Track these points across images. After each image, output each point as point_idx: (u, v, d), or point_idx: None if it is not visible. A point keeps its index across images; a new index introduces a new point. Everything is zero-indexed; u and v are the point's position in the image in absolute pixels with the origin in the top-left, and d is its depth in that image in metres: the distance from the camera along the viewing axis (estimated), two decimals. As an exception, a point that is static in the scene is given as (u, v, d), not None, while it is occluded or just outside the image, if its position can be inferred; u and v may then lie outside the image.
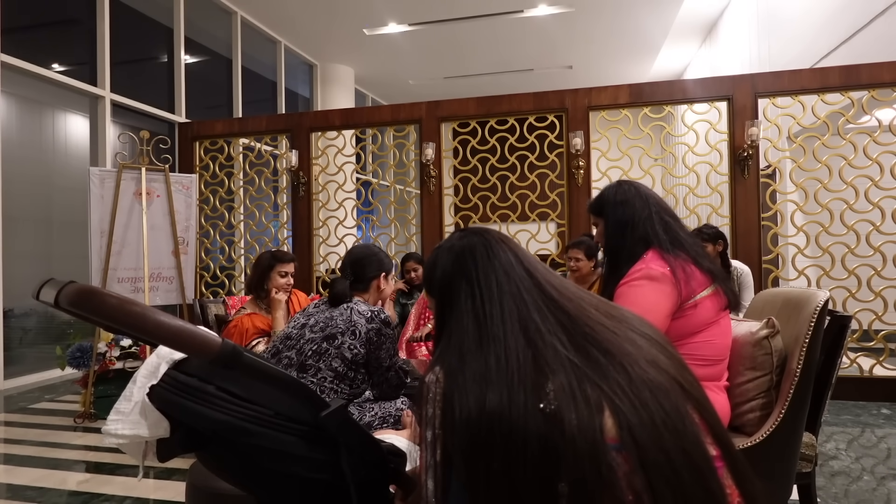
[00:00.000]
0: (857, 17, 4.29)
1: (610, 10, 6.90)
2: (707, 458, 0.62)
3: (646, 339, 0.71)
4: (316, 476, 0.78)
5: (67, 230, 5.08)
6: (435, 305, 0.85)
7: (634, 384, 0.63)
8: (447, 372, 0.70)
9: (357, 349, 1.62)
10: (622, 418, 0.60)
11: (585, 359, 0.66)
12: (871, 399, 3.49)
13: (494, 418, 0.62)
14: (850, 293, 3.58)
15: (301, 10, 6.82)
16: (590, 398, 0.61)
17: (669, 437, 0.60)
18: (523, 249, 0.84)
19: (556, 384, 0.63)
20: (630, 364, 0.65)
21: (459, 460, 0.65)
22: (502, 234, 0.88)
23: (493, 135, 4.39)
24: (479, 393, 0.65)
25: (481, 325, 0.73)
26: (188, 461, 1.63)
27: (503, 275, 0.78)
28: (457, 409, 0.65)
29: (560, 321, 0.72)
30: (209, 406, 0.74)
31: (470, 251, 0.82)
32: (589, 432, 0.59)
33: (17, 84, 4.72)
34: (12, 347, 4.57)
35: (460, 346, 0.72)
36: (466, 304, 0.77)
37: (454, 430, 0.65)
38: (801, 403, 1.40)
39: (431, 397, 0.70)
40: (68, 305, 0.58)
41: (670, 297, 1.36)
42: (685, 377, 0.68)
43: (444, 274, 0.83)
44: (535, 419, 0.61)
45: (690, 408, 0.64)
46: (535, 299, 0.74)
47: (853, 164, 3.60)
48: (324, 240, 4.81)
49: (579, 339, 0.69)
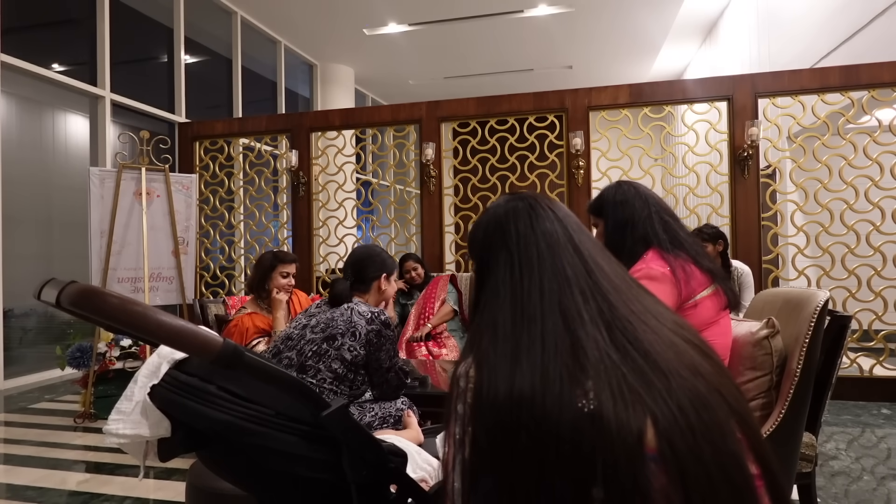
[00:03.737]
0: (857, 17, 4.29)
1: (610, 10, 6.90)
2: (747, 477, 0.59)
3: (687, 343, 0.66)
4: (316, 476, 0.78)
5: (67, 230, 5.08)
6: (474, 269, 0.80)
7: (675, 394, 0.59)
8: (478, 358, 0.66)
9: (357, 350, 1.62)
10: (662, 429, 0.57)
11: (624, 358, 0.62)
12: (871, 399, 3.49)
13: (525, 402, 0.59)
14: (850, 293, 3.58)
15: (301, 10, 6.81)
16: (632, 404, 0.58)
17: (710, 453, 0.57)
18: (573, 218, 0.78)
19: (597, 383, 0.59)
20: (671, 372, 0.61)
21: (485, 443, 0.62)
22: (552, 198, 0.81)
23: (493, 135, 4.39)
24: (509, 373, 0.62)
25: (517, 300, 0.68)
26: (188, 461, 1.63)
27: (546, 247, 0.72)
28: (485, 389, 0.62)
29: (601, 310, 0.66)
30: (210, 406, 0.74)
31: (514, 215, 0.76)
32: (629, 440, 0.56)
33: (17, 84, 4.72)
34: (12, 347, 4.57)
35: (494, 323, 0.68)
36: (504, 275, 0.71)
37: (481, 411, 0.62)
38: (801, 403, 1.40)
39: (462, 391, 0.66)
40: (70, 305, 0.58)
41: (670, 296, 1.37)
42: (728, 389, 0.64)
43: (486, 237, 0.78)
44: (572, 414, 0.58)
45: (733, 423, 0.61)
46: (578, 280, 0.68)
47: (853, 164, 3.60)
48: (324, 240, 4.81)
49: (619, 334, 0.64)
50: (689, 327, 0.71)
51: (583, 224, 0.78)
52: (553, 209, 0.77)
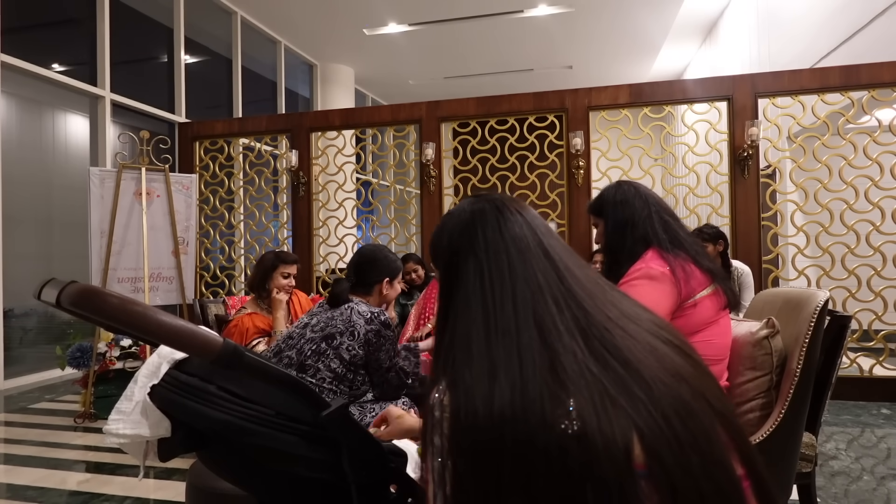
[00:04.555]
0: (857, 17, 4.29)
1: (610, 10, 6.90)
2: (736, 485, 0.58)
3: (667, 345, 0.64)
4: (317, 476, 0.78)
5: (67, 230, 5.08)
6: (440, 279, 0.75)
7: (659, 403, 0.57)
8: (452, 379, 0.62)
9: (356, 350, 1.62)
10: (648, 442, 0.55)
11: (604, 369, 0.59)
12: (871, 399, 3.49)
13: (507, 422, 0.56)
14: (850, 293, 3.58)
15: (301, 10, 6.82)
16: (616, 418, 0.56)
17: (697, 464, 0.56)
18: (541, 221, 0.74)
19: (578, 401, 0.56)
20: (653, 379, 0.59)
21: (467, 471, 0.58)
22: (520, 201, 0.77)
23: (493, 135, 4.39)
24: (488, 393, 0.58)
25: (489, 312, 0.64)
26: (188, 461, 1.63)
27: (516, 253, 0.68)
28: (462, 411, 0.59)
29: (576, 318, 0.63)
30: (210, 406, 0.74)
31: (481, 219, 0.72)
32: (618, 456, 0.54)
33: (17, 84, 4.72)
34: (12, 347, 4.57)
35: (467, 338, 0.64)
36: (474, 283, 0.67)
37: (461, 436, 0.59)
38: (801, 403, 1.40)
39: (437, 420, 0.61)
40: (70, 305, 0.58)
41: (670, 296, 1.37)
42: (711, 389, 0.62)
43: (452, 243, 0.73)
44: (556, 434, 0.55)
45: (717, 425, 0.59)
46: (551, 287, 0.65)
47: (853, 164, 3.60)
48: (324, 240, 4.82)
49: (595, 343, 0.61)
50: (668, 327, 0.68)
51: (551, 227, 0.75)
52: (521, 212, 0.74)
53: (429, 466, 0.62)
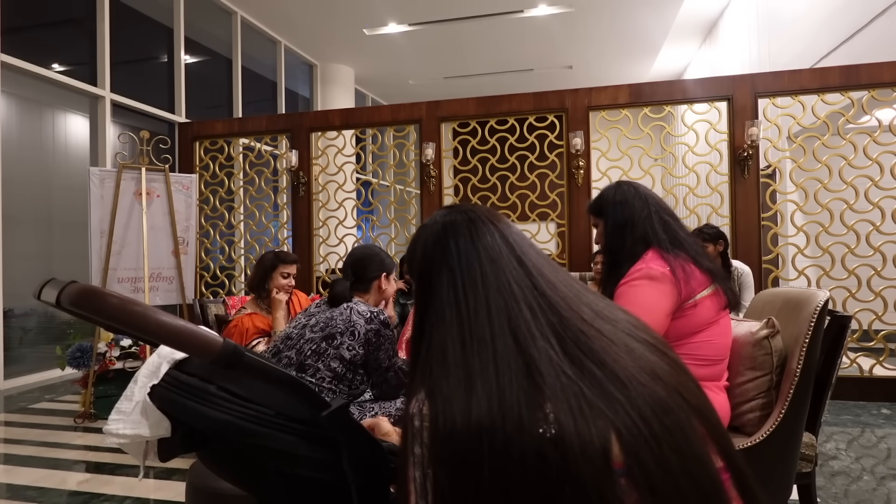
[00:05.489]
0: (857, 17, 4.29)
1: (610, 10, 6.90)
2: (715, 480, 0.58)
3: (642, 344, 0.65)
4: (317, 476, 0.78)
5: (67, 230, 5.08)
6: (415, 290, 0.76)
7: (636, 402, 0.58)
8: (430, 390, 0.63)
9: (356, 350, 1.62)
10: (626, 442, 0.55)
11: (580, 371, 0.60)
12: (871, 399, 3.49)
13: (485, 431, 0.57)
14: (850, 293, 3.58)
15: (301, 10, 6.82)
16: (593, 419, 0.56)
17: (676, 461, 0.56)
18: (515, 230, 0.75)
19: (555, 404, 0.57)
20: (629, 379, 0.59)
21: (446, 480, 0.58)
22: (493, 211, 0.78)
23: (493, 135, 4.39)
24: (465, 402, 0.59)
25: (464, 322, 0.65)
26: (188, 461, 1.64)
27: (488, 262, 0.69)
28: (440, 421, 0.59)
29: (551, 323, 0.64)
30: (210, 405, 0.74)
31: (453, 230, 0.73)
32: (595, 458, 0.54)
33: (17, 84, 4.72)
34: (12, 347, 4.57)
35: (443, 349, 0.65)
36: (448, 295, 0.68)
37: (439, 446, 0.59)
38: (801, 403, 1.40)
39: (417, 430, 0.61)
40: (70, 305, 0.58)
41: (670, 296, 1.37)
42: (687, 385, 0.63)
43: (425, 255, 0.74)
44: (535, 440, 0.55)
45: (694, 419, 0.60)
46: (525, 294, 0.66)
47: (853, 164, 3.60)
48: (324, 240, 4.82)
49: (571, 346, 0.62)
50: (643, 326, 0.69)
51: (525, 235, 0.76)
52: (494, 222, 0.74)
53: (410, 476, 0.62)
